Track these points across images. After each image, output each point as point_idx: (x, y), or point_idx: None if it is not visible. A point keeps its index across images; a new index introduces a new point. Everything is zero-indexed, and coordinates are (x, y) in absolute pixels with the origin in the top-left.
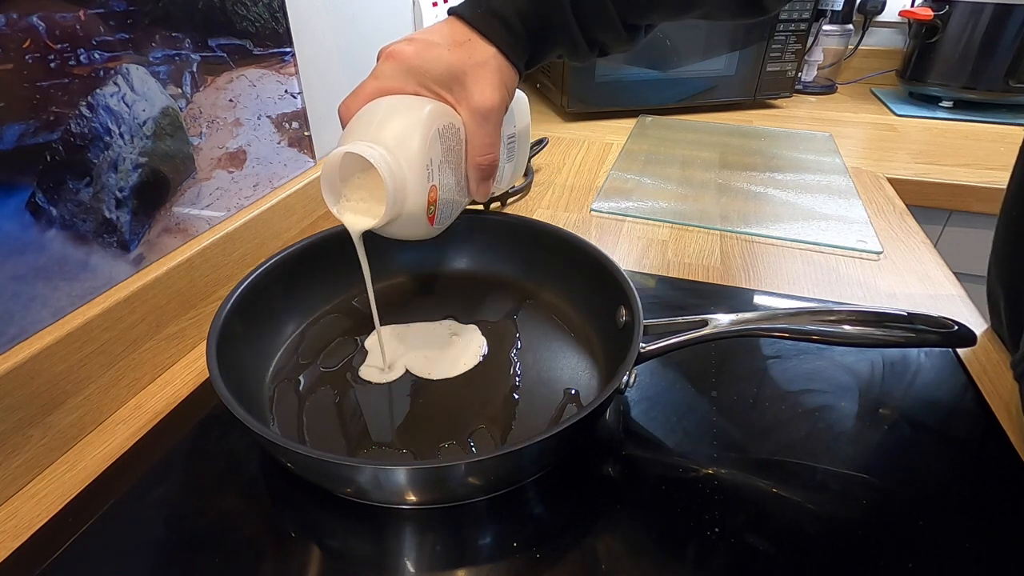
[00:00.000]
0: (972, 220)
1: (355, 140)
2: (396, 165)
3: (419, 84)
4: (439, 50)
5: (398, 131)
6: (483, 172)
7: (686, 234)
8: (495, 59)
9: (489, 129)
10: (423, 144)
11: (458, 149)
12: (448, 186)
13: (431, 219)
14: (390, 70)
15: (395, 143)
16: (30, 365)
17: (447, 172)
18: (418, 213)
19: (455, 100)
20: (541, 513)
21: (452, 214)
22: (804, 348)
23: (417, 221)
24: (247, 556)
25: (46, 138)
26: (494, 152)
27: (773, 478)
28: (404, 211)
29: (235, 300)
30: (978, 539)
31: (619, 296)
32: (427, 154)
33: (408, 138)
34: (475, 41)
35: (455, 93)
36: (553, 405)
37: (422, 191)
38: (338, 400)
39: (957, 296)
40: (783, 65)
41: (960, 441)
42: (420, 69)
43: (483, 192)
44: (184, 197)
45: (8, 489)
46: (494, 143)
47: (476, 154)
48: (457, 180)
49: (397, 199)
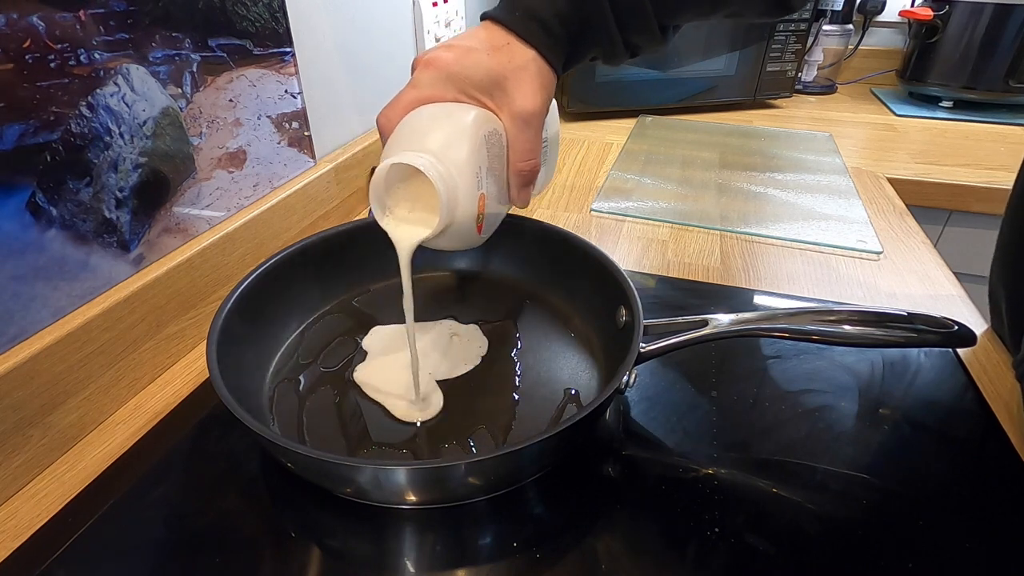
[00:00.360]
0: (972, 220)
1: (402, 151)
2: (447, 174)
3: (459, 91)
4: (478, 55)
5: (445, 139)
6: (525, 178)
7: (686, 234)
8: (535, 62)
9: (531, 134)
10: (472, 151)
11: (501, 156)
12: (492, 194)
13: (479, 228)
14: (429, 78)
15: (443, 152)
16: (30, 365)
17: (492, 180)
18: (468, 223)
19: (496, 105)
20: (541, 513)
21: (495, 223)
22: (804, 348)
23: (467, 231)
24: (247, 556)
25: (46, 138)
26: (536, 157)
27: (773, 478)
28: (455, 221)
29: (235, 300)
30: (978, 539)
31: (619, 296)
32: (476, 161)
33: (456, 146)
34: (514, 45)
35: (496, 98)
36: (553, 405)
37: (472, 200)
38: (338, 400)
39: (957, 296)
40: (783, 65)
41: (960, 441)
42: (460, 75)
43: (524, 198)
44: (184, 197)
45: (8, 489)
46: (535, 148)
47: (518, 159)
48: (499, 188)
49: (450, 209)
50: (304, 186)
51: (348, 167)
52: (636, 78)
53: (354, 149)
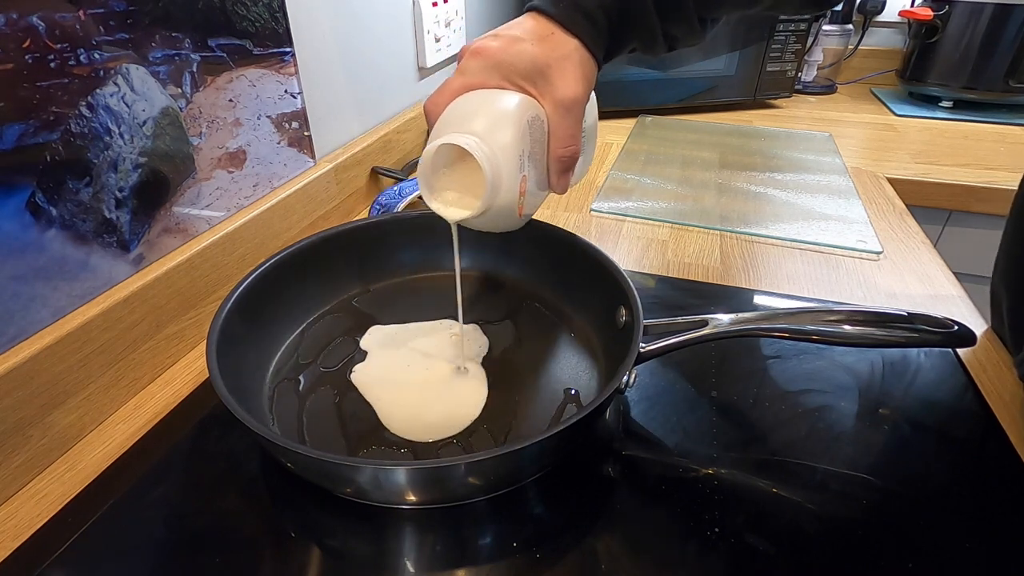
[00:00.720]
0: (972, 220)
1: (449, 133)
2: (492, 155)
3: (504, 78)
4: (523, 44)
5: (490, 123)
6: (564, 164)
7: (686, 234)
8: (577, 52)
9: (572, 121)
10: (516, 135)
11: (542, 142)
12: (533, 178)
13: (520, 210)
14: (476, 66)
15: (489, 134)
16: (30, 365)
17: (533, 165)
18: (511, 204)
19: (539, 93)
20: (541, 513)
21: (534, 207)
22: (804, 348)
23: (509, 212)
24: (247, 556)
25: (46, 138)
26: (576, 144)
27: (773, 478)
28: (497, 202)
29: (235, 300)
30: (978, 539)
31: (619, 296)
32: (519, 145)
33: (501, 129)
34: (558, 35)
35: (539, 86)
36: (553, 405)
37: (515, 182)
38: (338, 400)
39: (957, 296)
40: (783, 65)
41: (960, 441)
42: (505, 63)
43: (563, 184)
44: (184, 197)
45: (8, 489)
46: (576, 135)
47: (559, 146)
48: (539, 173)
49: (494, 189)
50: (304, 186)
51: (348, 167)
52: (636, 78)
53: (354, 149)
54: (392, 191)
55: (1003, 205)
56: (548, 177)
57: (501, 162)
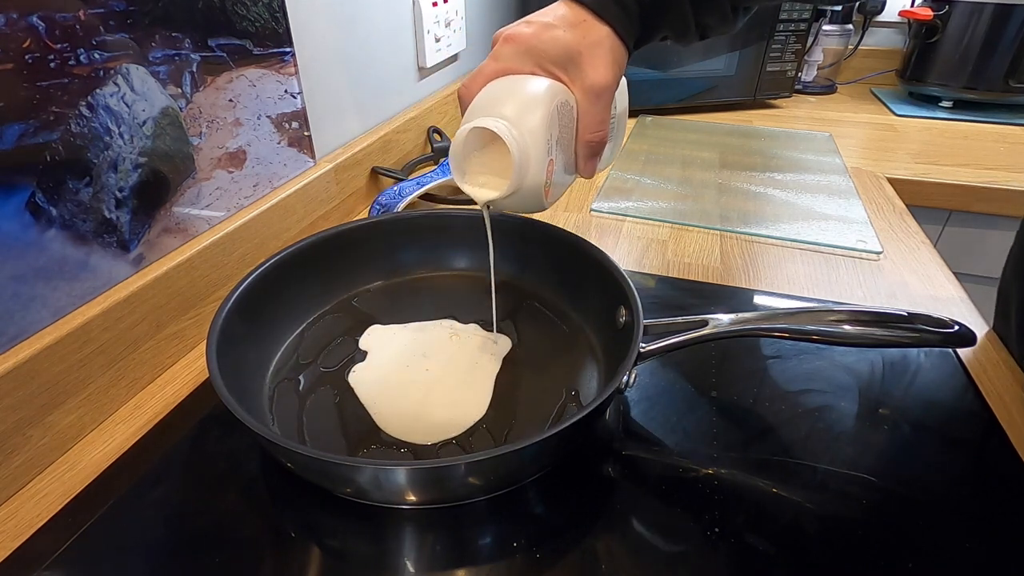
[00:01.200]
0: (972, 220)
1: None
2: (521, 139)
3: (536, 64)
4: (555, 31)
5: (520, 107)
6: (592, 149)
7: (686, 234)
8: (609, 39)
9: (601, 107)
10: (544, 119)
11: (571, 127)
12: (561, 162)
13: (547, 193)
14: (508, 52)
15: (518, 118)
16: (30, 365)
17: (561, 149)
18: (537, 187)
19: (570, 79)
20: (541, 513)
21: (561, 191)
22: (804, 348)
23: (535, 195)
24: (247, 556)
25: (46, 138)
26: (604, 129)
27: (773, 478)
28: (525, 184)
29: (235, 300)
30: (978, 539)
31: (619, 296)
32: (548, 129)
33: (531, 114)
34: (590, 22)
35: (570, 72)
36: (553, 405)
37: (542, 165)
38: (338, 400)
39: (957, 296)
40: (783, 65)
41: (960, 441)
42: (537, 50)
43: (590, 169)
44: (184, 197)
45: (8, 489)
46: (604, 120)
47: (587, 131)
48: (567, 158)
49: (521, 172)
50: (304, 186)
51: (348, 167)
52: (636, 78)
53: (354, 149)
54: (392, 191)
55: (1003, 205)
56: (576, 162)
57: (529, 145)
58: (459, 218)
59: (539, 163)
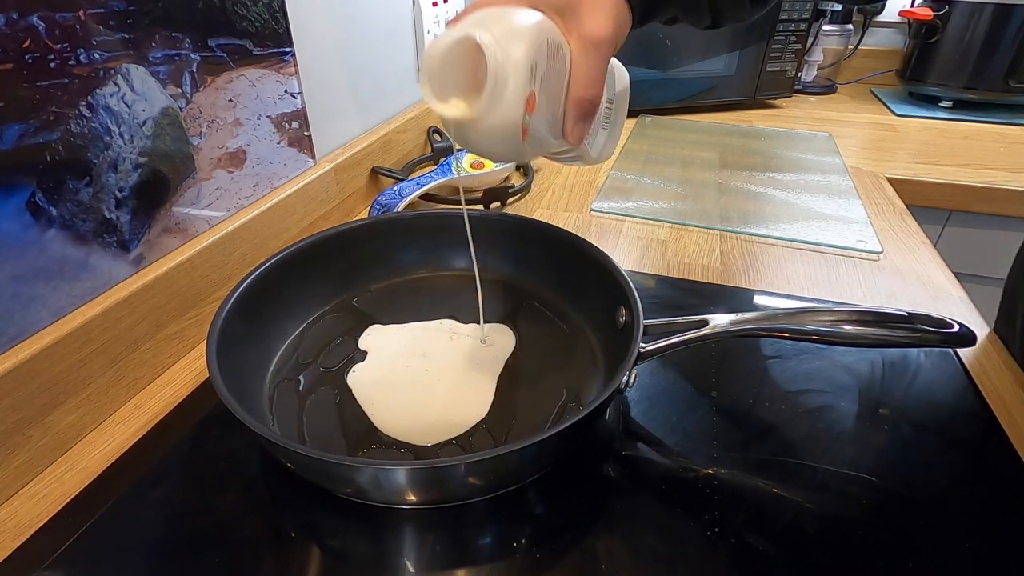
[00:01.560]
0: (972, 220)
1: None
2: (501, 54)
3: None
4: None
5: (507, 28)
6: (583, 107)
7: (686, 234)
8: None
9: (596, 61)
10: (530, 44)
11: (561, 75)
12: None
13: (524, 131)
14: None
15: (504, 33)
16: (30, 365)
17: (547, 90)
18: (513, 118)
19: (566, 27)
20: (541, 513)
21: (543, 144)
22: (804, 348)
23: (510, 129)
24: (247, 556)
25: (46, 138)
26: (597, 88)
27: (773, 478)
28: (499, 110)
29: (235, 300)
30: (978, 539)
31: (619, 296)
32: (532, 55)
33: (516, 35)
34: None
35: (567, 20)
36: (553, 405)
37: (521, 92)
38: (338, 400)
39: (957, 296)
40: (783, 65)
41: (960, 441)
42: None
43: (577, 134)
44: (184, 197)
45: (8, 489)
46: (599, 78)
47: (579, 86)
48: (555, 111)
49: (497, 88)
50: (304, 186)
51: (348, 167)
52: (636, 78)
53: (354, 149)
54: (392, 191)
55: (1003, 205)
56: (563, 121)
57: (509, 66)
58: (459, 218)
59: (518, 89)
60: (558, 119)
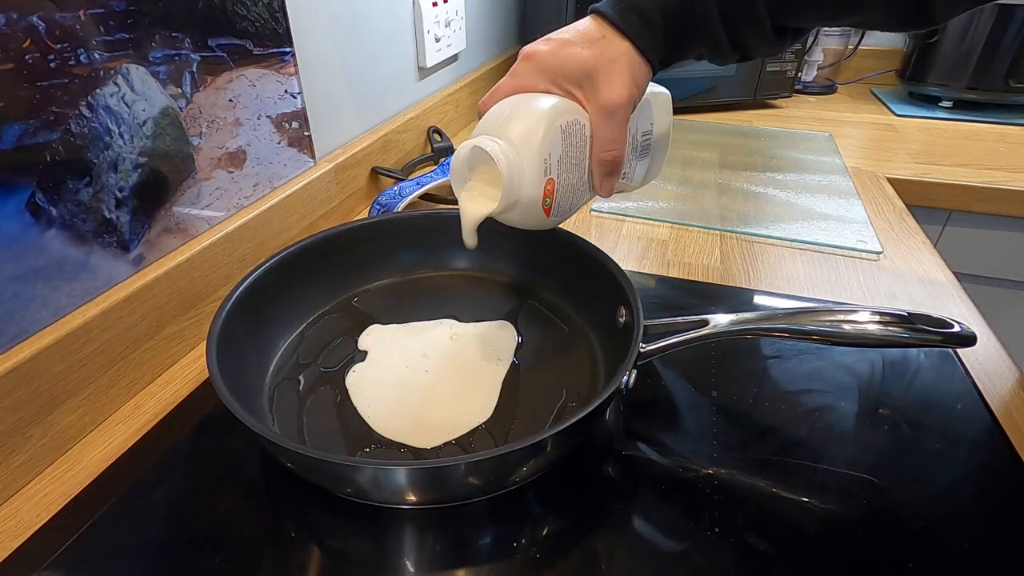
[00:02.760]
0: (972, 220)
1: (482, 135)
2: (515, 157)
3: (551, 82)
4: (573, 48)
5: (521, 126)
6: (606, 168)
7: (686, 234)
8: (627, 55)
9: (614, 125)
10: (543, 138)
11: (582, 145)
12: (567, 180)
13: (547, 211)
14: (526, 69)
15: (516, 137)
16: (30, 365)
17: (568, 167)
18: (534, 204)
19: (584, 97)
20: (541, 513)
21: (572, 208)
22: (804, 348)
23: (533, 211)
24: (247, 556)
25: (46, 138)
26: (617, 148)
27: (773, 478)
28: (520, 201)
29: (235, 300)
30: (978, 539)
31: (619, 296)
32: (546, 148)
33: (530, 132)
34: (609, 38)
35: (584, 89)
36: (553, 405)
37: (538, 183)
38: (338, 400)
39: (957, 296)
40: (783, 65)
41: (960, 441)
42: (553, 68)
43: (607, 188)
44: (184, 197)
45: (8, 489)
46: (618, 139)
47: (600, 149)
48: (579, 176)
49: (512, 189)
50: (304, 186)
51: (348, 167)
52: None
53: (354, 149)
54: (392, 191)
55: (1003, 205)
56: (592, 180)
57: (524, 164)
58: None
59: (534, 181)
60: (584, 181)
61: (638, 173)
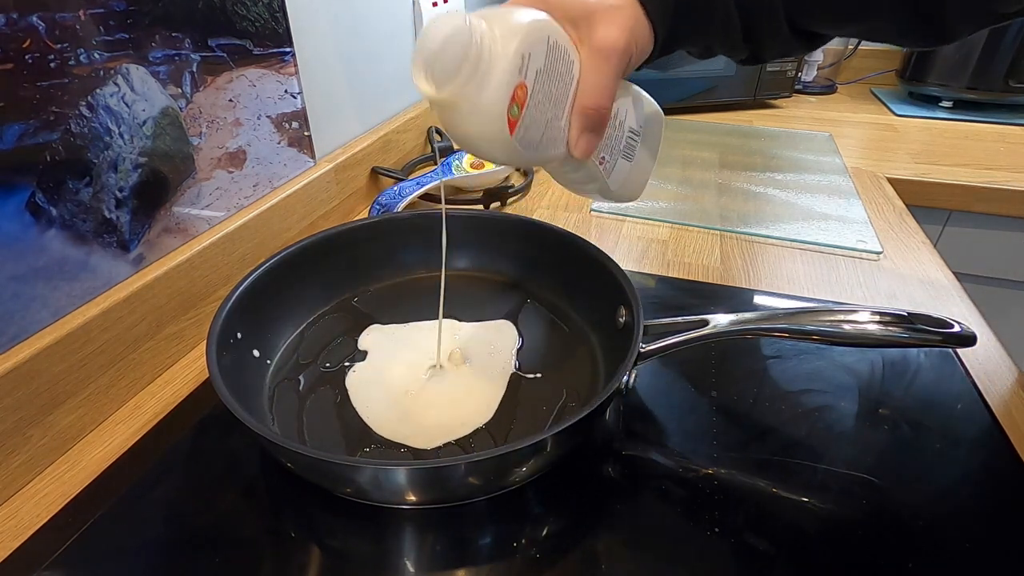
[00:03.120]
0: (972, 220)
1: None
2: (488, 35)
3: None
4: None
5: (507, 18)
6: (587, 120)
7: (686, 234)
8: (632, 7)
9: (605, 71)
10: (527, 34)
11: (567, 81)
12: (542, 108)
13: (512, 124)
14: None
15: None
16: (30, 365)
17: (545, 90)
18: (496, 106)
19: (578, 37)
20: (541, 513)
21: (539, 149)
22: (804, 348)
23: (494, 120)
24: (247, 556)
25: (46, 138)
26: (604, 99)
27: (773, 478)
28: (484, 94)
29: (235, 300)
30: (978, 539)
31: (619, 296)
32: (527, 46)
33: (512, 24)
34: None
35: (580, 30)
36: (553, 405)
37: (507, 80)
38: (338, 400)
39: (957, 296)
40: (783, 65)
41: (960, 441)
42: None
43: (582, 147)
44: (184, 197)
45: (8, 489)
46: (606, 87)
47: (584, 95)
48: (555, 116)
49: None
50: (304, 186)
51: (348, 167)
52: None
53: (354, 149)
54: (392, 191)
55: (1003, 205)
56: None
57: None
58: (459, 218)
59: (503, 75)
60: (561, 128)
61: (617, 173)
